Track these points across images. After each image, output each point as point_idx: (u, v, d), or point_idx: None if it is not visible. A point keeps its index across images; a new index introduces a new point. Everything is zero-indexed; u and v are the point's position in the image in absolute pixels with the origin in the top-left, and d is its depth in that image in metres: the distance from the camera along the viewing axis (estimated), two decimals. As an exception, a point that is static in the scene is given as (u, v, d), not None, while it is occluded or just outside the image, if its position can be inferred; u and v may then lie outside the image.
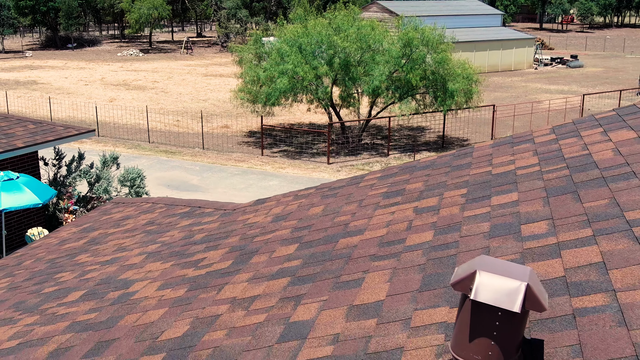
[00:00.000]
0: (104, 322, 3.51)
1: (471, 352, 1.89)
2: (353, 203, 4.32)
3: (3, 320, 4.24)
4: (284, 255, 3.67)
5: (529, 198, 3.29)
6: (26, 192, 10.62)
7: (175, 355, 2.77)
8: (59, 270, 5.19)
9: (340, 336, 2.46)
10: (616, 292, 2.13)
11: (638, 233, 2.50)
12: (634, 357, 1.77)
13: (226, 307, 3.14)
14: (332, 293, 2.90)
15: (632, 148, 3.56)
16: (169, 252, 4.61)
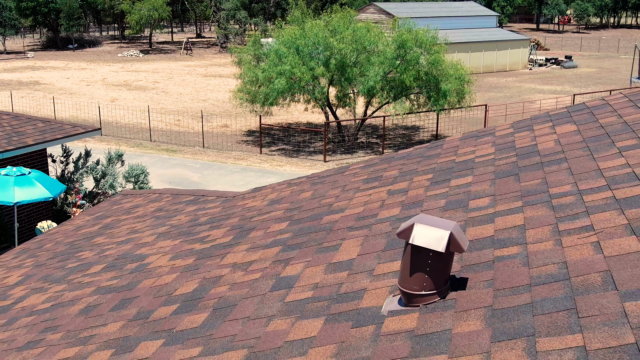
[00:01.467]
0: (125, 285, 4.16)
1: (412, 284, 2.55)
2: (337, 188, 4.98)
3: (34, 289, 4.90)
4: (277, 230, 4.32)
5: (480, 180, 3.95)
6: (38, 187, 11.27)
7: (187, 305, 3.42)
8: (79, 250, 5.85)
9: (319, 284, 3.12)
10: (527, 245, 2.79)
11: (554, 203, 3.16)
12: (528, 285, 2.42)
13: (228, 270, 3.80)
14: (314, 256, 3.55)
15: (570, 139, 4.22)
16: (177, 232, 5.27)
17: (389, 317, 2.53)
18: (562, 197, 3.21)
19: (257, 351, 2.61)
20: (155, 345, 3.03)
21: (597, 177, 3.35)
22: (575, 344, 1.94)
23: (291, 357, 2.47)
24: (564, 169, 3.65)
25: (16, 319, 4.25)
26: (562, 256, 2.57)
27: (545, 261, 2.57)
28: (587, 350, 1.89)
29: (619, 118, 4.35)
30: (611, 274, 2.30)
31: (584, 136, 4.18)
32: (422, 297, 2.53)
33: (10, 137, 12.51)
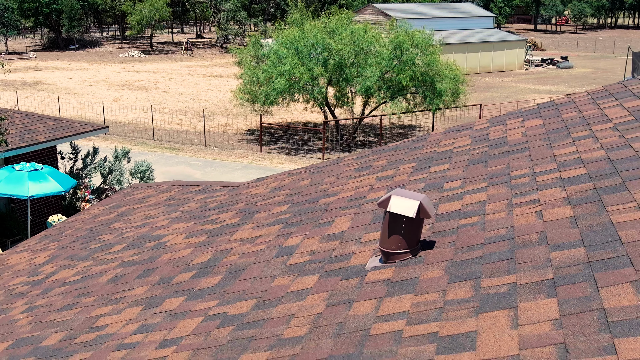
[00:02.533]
0: (146, 259, 4.77)
1: (389, 245, 3.15)
2: (333, 176, 5.58)
3: (63, 266, 5.50)
4: (279, 212, 4.93)
5: (455, 167, 4.55)
6: (50, 181, 11.86)
7: (203, 271, 4.03)
8: (99, 234, 6.45)
9: (315, 251, 3.72)
10: (485, 215, 3.39)
11: (512, 183, 3.76)
12: (482, 244, 3.03)
13: (237, 244, 4.40)
14: (311, 230, 4.16)
15: (535, 131, 4.83)
16: (189, 216, 5.88)
17: (371, 271, 3.14)
18: (520, 178, 3.82)
19: (264, 300, 3.21)
20: (178, 300, 3.63)
21: (550, 162, 3.95)
22: (509, 282, 2.55)
23: (292, 302, 3.07)
24: (525, 156, 4.26)
25: (51, 289, 4.86)
26: (511, 222, 3.17)
27: (497, 226, 3.18)
28: (517, 285, 2.50)
29: (579, 113, 4.96)
30: (545, 233, 2.91)
31: (547, 129, 4.78)
32: (397, 255, 3.14)
33: (22, 134, 13.11)
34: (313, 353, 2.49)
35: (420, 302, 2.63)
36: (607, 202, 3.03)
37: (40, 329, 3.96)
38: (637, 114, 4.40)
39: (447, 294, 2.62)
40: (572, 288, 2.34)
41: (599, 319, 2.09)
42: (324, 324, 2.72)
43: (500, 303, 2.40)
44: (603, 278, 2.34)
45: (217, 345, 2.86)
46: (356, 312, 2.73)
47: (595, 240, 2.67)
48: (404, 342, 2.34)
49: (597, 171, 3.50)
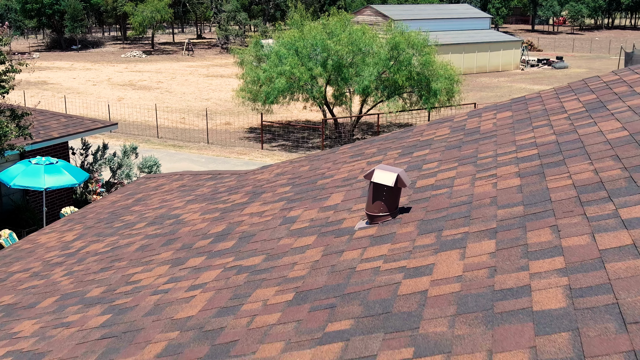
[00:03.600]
0: (168, 232, 5.52)
1: (373, 209, 3.90)
2: (329, 162, 6.33)
3: (91, 241, 6.25)
4: (282, 192, 5.67)
5: (434, 152, 5.30)
6: (65, 174, 12.61)
7: (219, 238, 4.77)
8: (120, 215, 7.20)
9: (313, 219, 4.47)
10: (453, 187, 4.14)
11: (478, 163, 4.51)
12: (446, 207, 3.77)
13: (247, 217, 5.15)
14: (310, 204, 4.90)
15: (504, 121, 5.58)
16: (202, 198, 6.63)
17: (358, 230, 3.89)
18: (484, 159, 4.56)
19: (272, 254, 3.96)
20: (200, 259, 4.38)
21: (511, 145, 4.70)
22: (463, 231, 3.30)
23: (294, 255, 3.82)
24: (492, 141, 5.01)
25: (84, 259, 5.61)
26: (472, 191, 3.92)
27: (460, 195, 3.92)
28: (468, 233, 3.24)
29: (543, 106, 5.71)
30: (496, 198, 3.66)
31: (514, 119, 5.53)
32: (379, 217, 3.89)
33: (37, 130, 13.84)
34: (311, 285, 3.24)
35: (395, 248, 3.38)
36: (548, 174, 3.79)
37: (82, 286, 4.70)
38: (589, 105, 5.15)
39: (416, 242, 3.37)
40: (508, 233, 3.09)
41: (522, 250, 2.84)
42: (320, 266, 3.47)
43: (454, 245, 3.15)
44: (531, 225, 3.09)
45: (235, 285, 3.60)
46: (345, 258, 3.48)
47: (532, 201, 3.42)
48: (381, 274, 3.09)
49: (546, 152, 4.25)
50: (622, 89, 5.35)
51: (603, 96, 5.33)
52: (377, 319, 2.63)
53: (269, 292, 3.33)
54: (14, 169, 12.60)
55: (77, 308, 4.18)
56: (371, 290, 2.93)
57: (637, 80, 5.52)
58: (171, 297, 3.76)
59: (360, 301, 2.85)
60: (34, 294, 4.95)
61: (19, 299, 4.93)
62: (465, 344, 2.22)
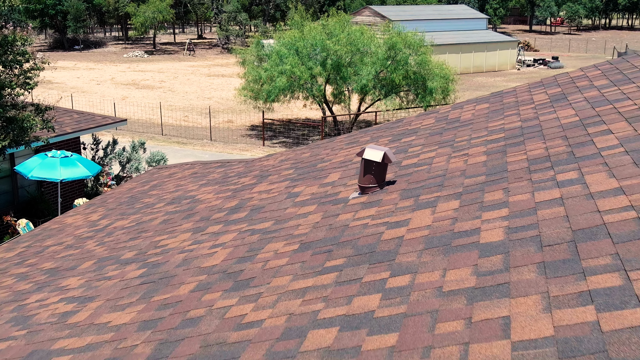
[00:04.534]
0: (186, 209, 6.29)
1: (364, 182, 4.67)
2: (328, 149, 7.11)
3: (116, 219, 7.01)
4: (287, 174, 6.45)
5: (419, 138, 6.08)
6: (79, 167, 13.37)
7: (233, 210, 5.54)
8: (140, 199, 7.96)
9: (314, 193, 5.24)
10: (431, 164, 4.91)
11: (454, 145, 5.29)
12: (425, 179, 4.54)
13: (256, 194, 5.92)
14: (311, 182, 5.68)
15: (481, 112, 6.35)
16: (214, 182, 7.40)
17: (352, 199, 4.66)
18: (460, 142, 5.34)
19: (279, 220, 4.73)
20: (218, 227, 5.15)
21: (484, 131, 5.48)
22: (436, 196, 4.07)
23: (298, 219, 4.59)
24: (469, 128, 5.79)
25: (113, 232, 6.38)
26: (446, 167, 4.69)
27: (437, 170, 4.70)
28: (439, 197, 4.01)
29: (516, 98, 6.49)
30: (465, 171, 4.43)
31: (490, 110, 6.31)
32: (369, 188, 4.67)
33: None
34: (313, 238, 4.01)
35: (381, 210, 4.16)
36: (508, 152, 4.56)
37: (116, 252, 5.48)
38: (553, 97, 5.93)
39: (398, 205, 4.15)
40: (470, 195, 3.87)
41: (478, 206, 3.61)
42: (320, 226, 4.24)
43: (427, 205, 3.92)
44: (488, 189, 3.87)
45: (250, 243, 4.38)
46: (340, 219, 4.25)
47: (492, 172, 4.20)
48: (369, 227, 3.87)
49: (511, 135, 5.03)
50: (583, 83, 6.13)
51: (566, 89, 6.11)
52: (364, 256, 3.40)
53: (279, 245, 4.10)
54: (31, 162, 13.36)
55: (114, 267, 4.96)
56: (360, 239, 3.70)
57: (597, 75, 6.29)
58: (196, 254, 4.53)
59: (351, 246, 3.63)
60: (72, 259, 5.72)
61: (60, 264, 5.70)
62: (427, 267, 3.00)
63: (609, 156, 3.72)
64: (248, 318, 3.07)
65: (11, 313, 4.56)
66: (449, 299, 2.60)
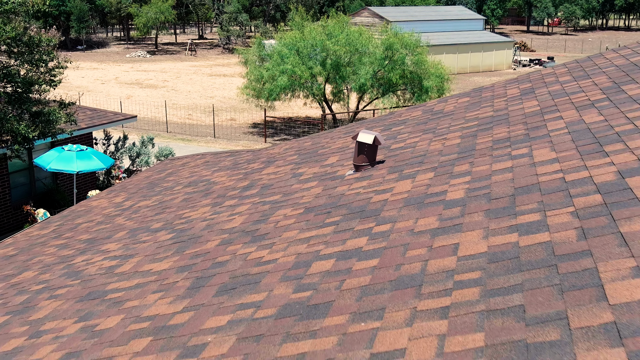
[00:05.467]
0: (203, 190, 7.16)
1: (358, 161, 5.55)
2: (327, 139, 7.99)
3: (139, 200, 7.89)
4: (291, 159, 7.32)
5: (408, 127, 6.95)
6: (94, 160, 14.25)
7: (244, 189, 6.42)
8: (158, 184, 8.84)
9: (315, 173, 6.11)
10: (415, 147, 5.79)
11: (436, 132, 6.17)
12: (410, 158, 5.42)
13: (265, 175, 6.80)
14: (314, 164, 6.56)
15: (462, 105, 7.23)
16: (226, 168, 8.27)
17: (347, 176, 5.54)
18: (441, 129, 6.22)
19: (286, 193, 5.61)
20: (233, 201, 6.03)
21: (462, 120, 6.36)
22: (416, 170, 4.94)
23: (302, 192, 5.46)
24: (449, 118, 6.67)
25: (138, 210, 7.25)
26: (427, 149, 5.57)
27: (419, 150, 5.58)
28: (419, 170, 4.89)
29: (492, 93, 7.37)
30: (442, 150, 5.31)
31: (469, 102, 7.19)
32: (362, 166, 5.55)
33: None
34: (315, 204, 4.89)
35: (371, 182, 5.04)
36: (478, 135, 5.44)
37: (145, 224, 6.35)
38: (524, 91, 6.81)
39: (385, 178, 5.02)
40: (443, 168, 4.74)
41: (448, 176, 4.49)
42: (320, 195, 5.12)
43: (408, 177, 4.80)
44: (458, 163, 4.75)
45: (262, 211, 5.26)
46: (338, 190, 5.13)
47: (464, 151, 5.07)
48: (361, 195, 4.74)
49: (483, 122, 5.91)
50: (550, 79, 7.02)
51: (536, 84, 6.99)
52: (356, 214, 4.28)
53: (287, 211, 4.98)
54: (48, 155, 14.23)
55: (146, 234, 5.83)
56: (354, 202, 4.58)
57: (563, 72, 7.18)
58: (217, 221, 5.41)
59: (346, 208, 4.51)
60: (106, 232, 6.60)
61: (95, 235, 6.58)
62: (404, 217, 3.87)
63: (555, 136, 4.61)
64: (265, 258, 3.94)
65: (62, 270, 5.43)
66: (417, 236, 3.48)
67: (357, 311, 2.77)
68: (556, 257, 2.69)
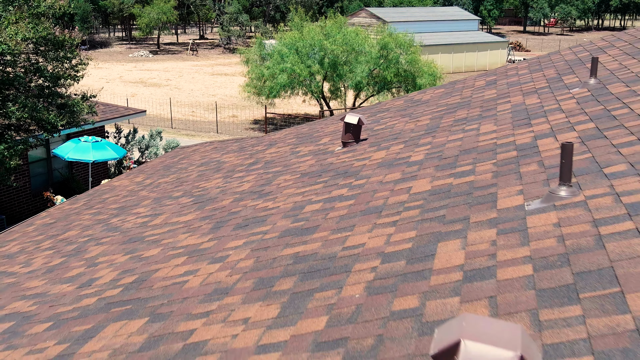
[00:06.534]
0: (214, 168, 8.32)
1: (345, 138, 6.72)
2: (322, 125, 9.15)
3: (158, 178, 9.04)
4: (290, 142, 8.48)
5: (390, 113, 8.12)
6: (108, 150, 15.40)
7: (251, 165, 7.58)
8: (173, 166, 9.99)
9: (311, 150, 7.28)
10: (393, 128, 6.96)
11: (412, 116, 7.34)
12: (388, 137, 6.59)
13: (268, 154, 7.96)
14: (309, 144, 7.72)
15: (437, 95, 8.39)
16: (233, 151, 9.44)
17: (336, 151, 6.70)
18: (417, 114, 7.38)
19: (285, 165, 6.77)
20: (241, 173, 7.19)
21: (434, 106, 7.52)
22: (391, 143, 6.11)
23: (299, 164, 6.63)
24: (425, 105, 7.83)
25: (159, 185, 8.41)
26: (402, 128, 6.73)
27: (396, 130, 6.74)
28: (393, 143, 6.06)
29: (463, 85, 8.53)
30: (414, 129, 6.47)
31: (443, 93, 8.35)
32: (349, 143, 6.71)
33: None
34: (309, 171, 6.05)
35: (355, 154, 6.20)
36: (444, 117, 6.60)
37: (166, 194, 7.51)
38: (488, 82, 7.98)
39: (366, 150, 6.19)
40: (412, 141, 5.91)
41: (415, 146, 5.66)
42: (314, 165, 6.28)
43: (384, 148, 5.96)
44: (423, 137, 5.91)
45: (266, 178, 6.42)
46: (328, 161, 6.29)
47: (430, 129, 6.24)
48: (346, 162, 5.91)
49: (451, 107, 7.07)
50: (512, 72, 8.19)
51: (499, 77, 8.16)
52: (341, 175, 5.44)
53: (286, 177, 6.15)
54: (66, 146, 15.39)
55: (169, 200, 7.00)
56: (340, 168, 5.75)
57: (523, 67, 8.35)
58: (229, 187, 6.58)
59: (334, 171, 5.67)
60: (133, 201, 7.76)
61: (123, 204, 7.74)
62: (376, 174, 5.04)
63: (500, 115, 5.78)
64: (270, 207, 5.11)
65: (102, 228, 6.59)
66: (384, 185, 4.65)
67: (336, 228, 3.94)
68: (474, 189, 3.86)
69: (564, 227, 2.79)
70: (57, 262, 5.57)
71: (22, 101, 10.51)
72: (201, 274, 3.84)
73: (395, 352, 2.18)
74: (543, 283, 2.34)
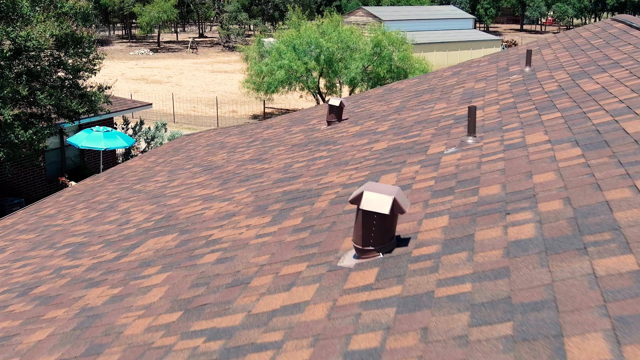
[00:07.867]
0: (218, 147, 9.65)
1: (329, 118, 8.06)
2: (312, 111, 10.49)
3: (169, 157, 10.38)
4: (285, 124, 9.81)
5: (370, 100, 9.45)
6: (119, 139, 16.73)
7: (251, 143, 8.92)
8: (182, 148, 11.31)
9: (302, 129, 8.61)
10: (370, 110, 8.29)
11: (387, 101, 8.67)
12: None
13: (266, 134, 9.29)
14: (300, 125, 9.05)
15: (410, 84, 9.73)
16: (235, 135, 10.77)
17: (323, 129, 8.04)
18: (389, 99, 8.71)
19: (279, 140, 8.10)
20: (243, 149, 8.53)
21: (406, 92, 8.85)
22: (371, 123, 7.45)
23: (292, 140, 7.96)
24: (399, 92, 9.16)
25: (171, 162, 9.74)
26: (377, 110, 8.07)
27: (375, 112, 8.07)
28: (374, 123, 7.40)
29: (434, 75, 9.87)
30: (386, 109, 7.81)
31: (416, 82, 9.68)
32: (332, 122, 8.05)
33: (94, 107, 17.92)
34: (297, 142, 7.39)
35: (339, 129, 7.53)
36: (411, 100, 7.94)
37: (179, 167, 8.84)
38: (454, 72, 9.31)
39: (345, 126, 7.52)
40: (382, 117, 7.24)
41: (384, 120, 6.99)
42: (302, 139, 7.62)
43: (360, 124, 7.30)
44: (392, 115, 7.25)
45: (263, 150, 7.75)
46: (314, 136, 7.62)
47: (399, 108, 7.57)
48: (327, 135, 7.24)
49: (417, 93, 8.40)
50: (474, 64, 9.52)
51: (463, 68, 9.50)
52: (323, 144, 6.77)
53: (280, 148, 7.48)
54: (79, 135, 16.71)
55: (182, 171, 8.33)
56: (323, 139, 7.08)
57: (485, 60, 9.69)
58: (233, 158, 7.91)
59: (317, 141, 7.00)
60: (150, 174, 9.09)
61: (142, 176, 9.07)
62: (352, 142, 6.37)
63: (453, 96, 7.11)
64: (265, 167, 6.44)
65: (126, 192, 7.92)
66: (354, 148, 5.98)
67: (315, 175, 5.28)
68: (416, 144, 5.20)
69: (462, 160, 4.13)
70: (94, 215, 6.90)
71: (49, 90, 11.86)
72: (214, 208, 5.18)
73: (334, 218, 3.53)
74: (437, 186, 3.68)
